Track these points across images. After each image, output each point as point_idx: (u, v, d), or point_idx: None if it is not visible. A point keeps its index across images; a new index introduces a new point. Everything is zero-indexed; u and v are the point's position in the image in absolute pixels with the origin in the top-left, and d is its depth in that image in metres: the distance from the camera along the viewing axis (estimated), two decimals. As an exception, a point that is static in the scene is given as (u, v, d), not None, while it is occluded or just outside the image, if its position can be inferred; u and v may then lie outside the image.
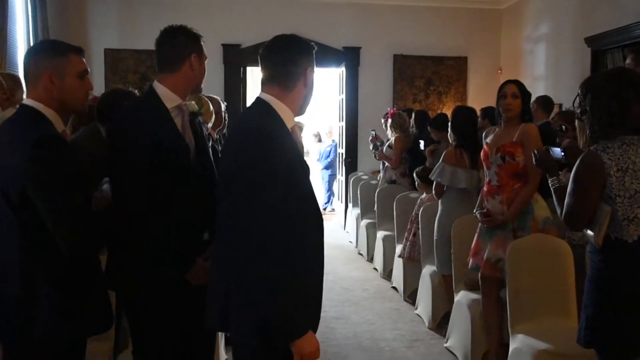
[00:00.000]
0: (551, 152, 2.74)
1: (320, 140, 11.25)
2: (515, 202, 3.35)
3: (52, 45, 2.13)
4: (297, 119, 2.06)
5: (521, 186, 3.36)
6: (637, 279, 2.20)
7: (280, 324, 1.78)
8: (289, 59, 1.95)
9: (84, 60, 2.11)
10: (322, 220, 2.01)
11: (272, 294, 1.75)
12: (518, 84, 3.47)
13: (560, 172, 2.61)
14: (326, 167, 10.71)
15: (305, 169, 1.97)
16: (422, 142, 5.74)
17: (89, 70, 2.12)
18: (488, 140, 3.56)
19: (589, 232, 2.28)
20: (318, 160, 10.95)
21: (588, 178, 2.22)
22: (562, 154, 2.69)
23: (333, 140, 10.82)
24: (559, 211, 2.40)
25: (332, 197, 10.70)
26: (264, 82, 1.98)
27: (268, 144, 1.80)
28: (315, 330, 1.89)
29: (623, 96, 2.18)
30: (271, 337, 1.80)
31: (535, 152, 2.71)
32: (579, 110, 2.30)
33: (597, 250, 2.27)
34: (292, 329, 1.80)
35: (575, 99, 2.35)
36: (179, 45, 2.23)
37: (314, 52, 2.01)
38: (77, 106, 2.10)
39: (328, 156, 10.77)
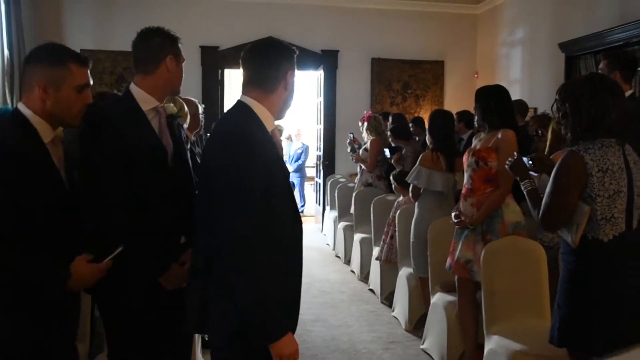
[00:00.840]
0: None
1: (290, 142, 10.98)
2: (483, 206, 3.39)
3: (51, 52, 1.98)
4: (276, 122, 2.07)
5: (492, 190, 3.41)
6: (612, 278, 2.25)
7: (259, 325, 1.78)
8: (270, 62, 1.96)
9: (88, 72, 2.02)
10: (300, 222, 2.02)
11: (252, 296, 1.76)
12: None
13: (533, 176, 2.65)
14: (295, 170, 10.49)
15: (284, 172, 2.00)
16: (387, 150, 5.80)
17: (90, 83, 2.03)
18: (474, 144, 3.60)
19: (563, 233, 2.33)
20: (285, 161, 10.75)
21: (570, 178, 2.27)
22: (531, 163, 2.74)
23: (303, 143, 10.77)
24: (534, 213, 2.44)
25: (304, 201, 10.61)
26: (244, 85, 1.99)
27: (248, 146, 1.81)
28: (293, 331, 1.90)
29: (603, 100, 2.26)
30: (250, 339, 1.80)
31: (509, 160, 2.76)
32: (559, 114, 2.36)
33: (572, 251, 2.32)
34: (271, 331, 1.80)
35: (553, 104, 2.41)
36: (155, 46, 2.21)
37: (295, 56, 2.03)
38: (70, 120, 2.00)
39: (298, 159, 10.63)
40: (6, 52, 6.74)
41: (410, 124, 7.05)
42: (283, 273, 1.88)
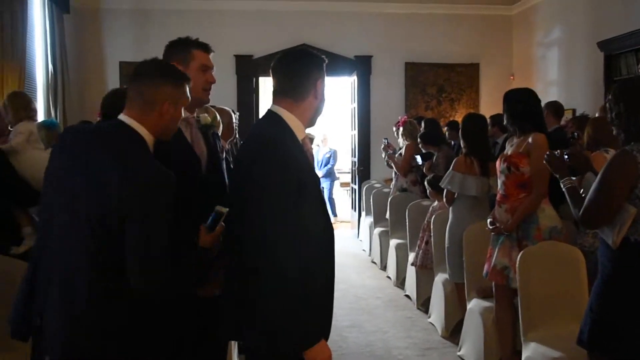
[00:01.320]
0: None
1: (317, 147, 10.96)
2: (517, 212, 3.35)
3: (175, 72, 2.01)
4: (307, 130, 2.10)
5: (526, 196, 3.36)
6: None
7: (292, 333, 1.79)
8: (299, 71, 1.98)
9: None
10: (332, 228, 2.05)
11: (285, 303, 1.77)
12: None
13: (573, 178, 2.61)
14: (325, 175, 10.48)
15: (315, 179, 2.01)
16: (418, 157, 5.76)
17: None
18: (507, 149, 3.57)
19: (604, 233, 2.28)
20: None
21: (619, 176, 2.21)
22: (567, 157, 2.70)
23: (330, 148, 10.80)
24: (574, 211, 2.40)
25: (334, 206, 10.60)
26: (275, 94, 2.02)
27: (279, 155, 1.83)
28: (327, 338, 1.91)
29: None
30: (283, 346, 1.81)
31: (547, 153, 2.73)
32: (612, 114, 2.32)
33: (610, 254, 2.26)
34: (304, 338, 1.81)
35: (605, 102, 2.38)
36: (175, 58, 2.25)
37: (324, 64, 2.04)
38: (169, 136, 2.03)
39: (327, 163, 10.63)
40: (50, 67, 7.00)
41: (446, 128, 7.02)
42: (314, 280, 1.89)
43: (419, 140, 5.80)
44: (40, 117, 6.39)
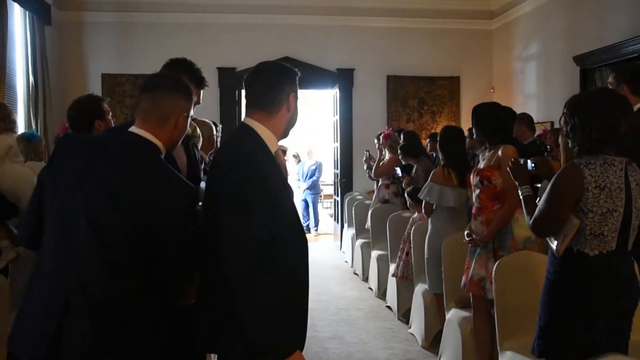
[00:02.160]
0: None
1: (299, 162, 11.08)
2: (492, 223, 3.40)
3: (186, 88, 2.06)
4: (280, 142, 2.12)
5: (500, 207, 3.42)
6: (591, 287, 2.28)
7: (268, 344, 1.79)
8: (272, 84, 1.99)
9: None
10: (306, 240, 2.04)
11: (260, 315, 1.77)
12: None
13: (539, 185, 2.69)
14: (309, 188, 10.62)
15: (288, 192, 2.02)
16: (398, 169, 5.81)
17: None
18: (479, 163, 3.63)
19: (551, 241, 2.35)
20: (299, 180, 10.75)
21: (566, 188, 2.29)
22: (533, 165, 2.78)
23: (316, 160, 10.85)
24: (527, 218, 2.48)
25: (317, 220, 10.63)
26: (248, 107, 2.03)
27: (252, 168, 1.85)
28: (302, 349, 1.91)
29: (612, 113, 2.27)
30: (260, 358, 1.82)
31: (511, 160, 2.79)
32: (567, 128, 2.37)
33: (555, 262, 2.35)
34: (280, 350, 1.81)
35: (561, 117, 2.42)
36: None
37: (297, 77, 2.06)
38: (175, 147, 2.10)
39: (312, 175, 10.70)
40: (31, 78, 6.97)
41: (428, 140, 7.09)
42: (288, 292, 1.89)
43: (399, 152, 5.86)
44: (21, 129, 6.37)
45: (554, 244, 2.33)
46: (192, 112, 2.15)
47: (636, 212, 2.29)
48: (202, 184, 2.36)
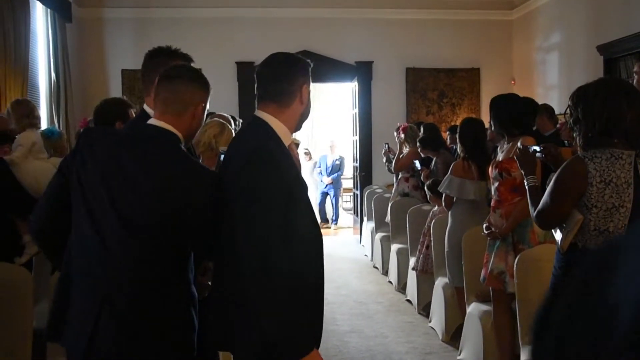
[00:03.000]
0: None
1: (310, 159, 10.52)
2: (511, 216, 3.36)
3: (204, 78, 2.04)
4: (293, 135, 2.09)
5: (520, 200, 3.37)
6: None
7: (285, 343, 1.76)
8: (284, 76, 1.95)
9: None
10: (321, 235, 2.00)
11: (276, 314, 1.74)
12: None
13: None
14: (331, 183, 10.55)
15: (303, 186, 1.98)
16: (417, 162, 5.77)
17: None
18: (498, 155, 3.58)
19: (556, 235, 2.30)
20: (320, 174, 10.50)
21: (570, 182, 2.23)
22: (540, 154, 2.70)
23: (339, 155, 10.76)
24: (531, 209, 2.43)
25: (337, 215, 10.56)
26: (260, 100, 1.99)
27: (267, 163, 1.81)
28: (318, 346, 1.88)
29: (616, 103, 2.18)
30: (276, 357, 1.78)
31: (519, 148, 2.73)
32: (571, 120, 2.31)
33: (559, 258, 2.30)
34: (297, 348, 1.78)
35: (566, 109, 2.35)
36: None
37: (309, 68, 2.01)
38: (193, 138, 2.12)
39: (337, 170, 10.59)
40: (53, 75, 7.07)
41: (447, 132, 7.03)
42: (306, 289, 1.86)
43: (418, 144, 5.82)
44: (44, 125, 6.46)
45: (559, 239, 2.28)
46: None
47: None
48: None
